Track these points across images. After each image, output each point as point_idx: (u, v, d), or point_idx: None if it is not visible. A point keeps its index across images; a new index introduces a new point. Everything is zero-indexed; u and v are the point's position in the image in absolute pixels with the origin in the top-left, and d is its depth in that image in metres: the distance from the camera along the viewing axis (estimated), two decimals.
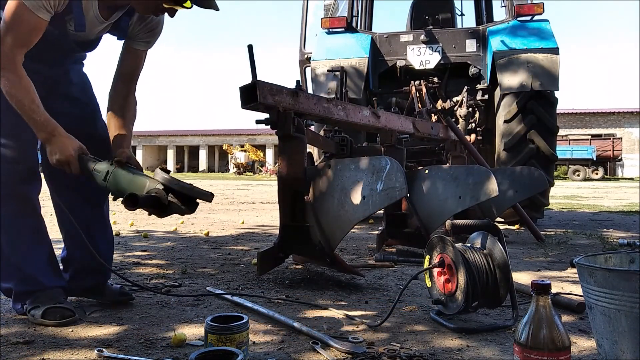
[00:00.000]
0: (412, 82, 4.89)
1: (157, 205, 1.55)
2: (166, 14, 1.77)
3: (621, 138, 28.51)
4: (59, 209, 1.96)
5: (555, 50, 4.64)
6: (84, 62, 2.07)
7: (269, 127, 2.33)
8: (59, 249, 1.98)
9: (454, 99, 4.99)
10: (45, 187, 1.94)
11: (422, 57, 5.24)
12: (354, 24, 5.53)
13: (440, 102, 5.02)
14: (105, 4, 1.77)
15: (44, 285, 1.84)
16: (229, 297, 2.09)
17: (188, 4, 1.66)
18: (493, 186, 2.61)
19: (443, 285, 1.77)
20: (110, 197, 1.82)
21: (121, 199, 1.57)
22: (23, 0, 1.58)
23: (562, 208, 7.32)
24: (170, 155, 38.94)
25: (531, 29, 4.88)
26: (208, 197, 1.57)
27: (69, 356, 1.47)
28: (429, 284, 1.87)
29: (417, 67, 5.25)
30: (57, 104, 1.84)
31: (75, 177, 1.76)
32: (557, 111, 4.83)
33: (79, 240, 1.87)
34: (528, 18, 4.97)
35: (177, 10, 1.72)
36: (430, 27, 5.38)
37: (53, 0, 1.62)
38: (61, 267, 2.01)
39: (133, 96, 1.97)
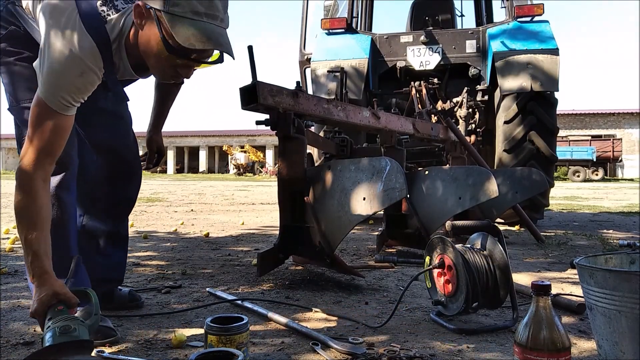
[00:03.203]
0: (412, 83, 4.89)
1: None
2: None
3: (621, 139, 28.53)
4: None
5: (555, 51, 4.64)
6: None
7: (269, 127, 2.33)
8: None
9: (454, 100, 4.99)
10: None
11: (422, 58, 5.24)
12: (354, 25, 5.53)
13: (440, 103, 5.02)
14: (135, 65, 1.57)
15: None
16: (227, 297, 2.10)
17: (215, 56, 1.44)
18: (493, 187, 2.61)
19: (443, 286, 1.77)
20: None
21: None
22: (45, 101, 1.36)
23: (562, 209, 7.32)
24: (170, 156, 38.95)
25: (531, 30, 4.88)
26: None
27: None
28: (429, 284, 1.87)
29: (417, 68, 5.25)
30: (94, 117, 1.77)
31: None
32: (557, 112, 4.83)
33: (90, 250, 1.83)
34: (528, 19, 4.97)
35: (194, 69, 1.50)
36: (430, 28, 5.38)
37: (81, 93, 1.41)
38: None
39: None
